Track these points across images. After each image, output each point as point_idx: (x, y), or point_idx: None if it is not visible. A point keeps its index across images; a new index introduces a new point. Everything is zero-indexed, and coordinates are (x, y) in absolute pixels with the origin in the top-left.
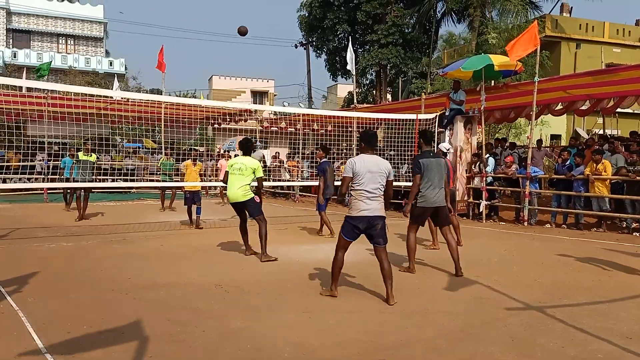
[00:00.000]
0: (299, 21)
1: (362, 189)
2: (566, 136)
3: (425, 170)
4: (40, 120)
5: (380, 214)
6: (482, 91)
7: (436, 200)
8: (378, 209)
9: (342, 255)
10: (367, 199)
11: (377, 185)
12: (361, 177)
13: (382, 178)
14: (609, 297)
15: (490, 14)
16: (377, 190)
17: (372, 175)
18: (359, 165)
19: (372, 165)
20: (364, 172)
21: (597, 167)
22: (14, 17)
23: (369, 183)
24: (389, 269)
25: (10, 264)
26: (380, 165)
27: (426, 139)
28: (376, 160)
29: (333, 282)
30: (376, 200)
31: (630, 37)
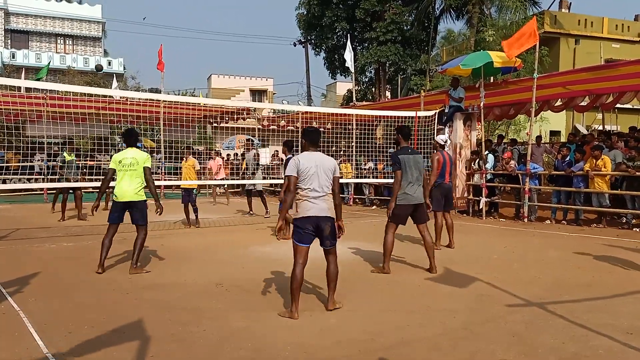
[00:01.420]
0: (298, 19)
1: (309, 187)
2: (565, 132)
3: (404, 167)
4: (39, 121)
5: (328, 214)
6: (481, 88)
7: (415, 198)
8: (326, 208)
9: (301, 269)
10: (314, 198)
11: (325, 184)
12: (306, 176)
13: (329, 175)
14: (609, 293)
15: (489, 10)
16: (325, 189)
17: (318, 173)
18: (303, 162)
19: (317, 162)
20: (309, 170)
21: (596, 163)
22: (12, 17)
23: (315, 181)
24: (334, 272)
25: (11, 264)
26: (326, 163)
27: (404, 135)
28: (321, 157)
29: (293, 302)
30: (324, 199)
31: (630, 32)
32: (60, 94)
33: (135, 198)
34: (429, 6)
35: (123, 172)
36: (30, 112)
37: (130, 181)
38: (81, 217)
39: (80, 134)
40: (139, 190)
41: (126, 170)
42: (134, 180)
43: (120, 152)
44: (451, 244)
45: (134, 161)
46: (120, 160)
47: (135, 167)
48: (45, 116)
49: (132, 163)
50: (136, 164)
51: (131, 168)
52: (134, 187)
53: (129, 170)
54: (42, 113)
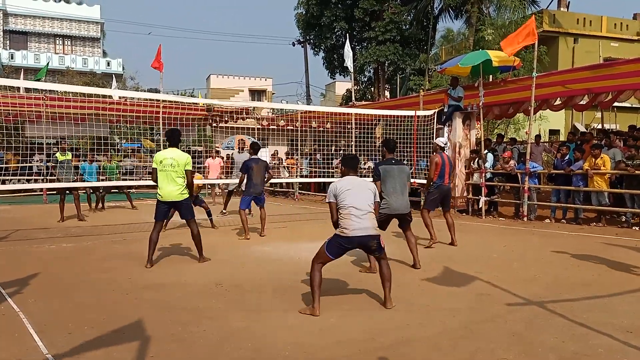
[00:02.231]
0: (296, 19)
1: (350, 205)
2: (565, 131)
3: (387, 177)
4: (38, 121)
5: (372, 232)
6: (480, 87)
7: (398, 208)
8: (370, 227)
9: (320, 269)
10: (356, 217)
11: (365, 202)
12: (346, 194)
13: (369, 195)
14: (609, 291)
15: (488, 9)
16: (366, 207)
17: (357, 192)
18: (340, 185)
19: (355, 184)
20: (347, 189)
21: (595, 161)
22: (11, 18)
23: (356, 199)
24: (388, 273)
25: (11, 265)
26: (363, 185)
27: (389, 147)
28: (359, 180)
29: (314, 299)
30: (366, 217)
31: (628, 31)
32: (60, 95)
33: (180, 198)
34: (428, 5)
35: (165, 172)
36: (30, 112)
37: (173, 182)
38: (80, 218)
39: (80, 134)
40: (182, 190)
41: (167, 171)
42: (176, 180)
43: (161, 152)
44: (454, 242)
45: (175, 162)
46: (161, 160)
47: (175, 169)
48: (45, 117)
49: (172, 164)
50: (177, 165)
51: (172, 169)
52: (177, 187)
53: (170, 171)
54: (42, 113)
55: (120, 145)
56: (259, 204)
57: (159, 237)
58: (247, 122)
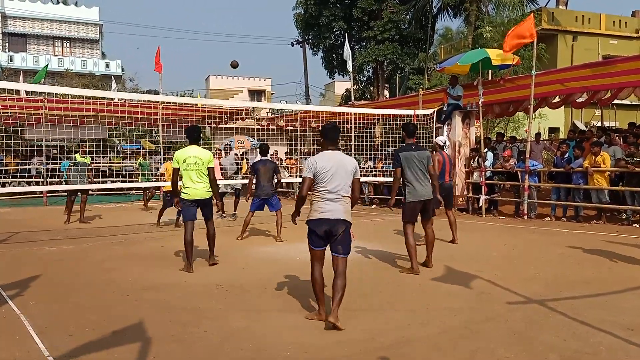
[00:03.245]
0: (295, 19)
1: (324, 188)
2: (564, 129)
3: (407, 163)
4: (37, 124)
5: (343, 217)
6: (479, 86)
7: (424, 194)
8: (342, 211)
9: (319, 271)
10: (330, 200)
11: (342, 185)
12: (323, 177)
13: (348, 177)
14: (609, 289)
15: (486, 8)
16: (342, 191)
17: (334, 174)
18: (320, 163)
19: (335, 162)
20: (325, 170)
21: (595, 159)
22: (9, 20)
23: (332, 182)
24: (342, 285)
25: (11, 267)
26: (346, 163)
27: (409, 132)
28: (340, 157)
29: (319, 304)
30: (340, 202)
31: (627, 28)
32: (59, 97)
33: (207, 196)
34: (427, 4)
35: (189, 171)
36: (29, 115)
37: (199, 179)
38: (83, 220)
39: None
40: (208, 188)
41: (192, 170)
42: (202, 178)
43: (181, 150)
44: (454, 240)
45: (199, 160)
46: (185, 159)
47: (200, 167)
48: (44, 119)
49: (196, 162)
50: (201, 163)
51: (196, 167)
52: (203, 185)
53: (194, 170)
54: (41, 116)
55: (120, 147)
56: (272, 208)
57: (193, 238)
58: (247, 122)
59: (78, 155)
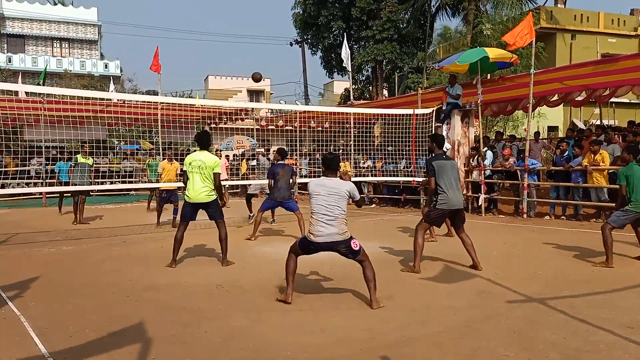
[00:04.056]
0: (294, 19)
1: (318, 211)
2: (563, 127)
3: (441, 172)
4: (37, 125)
5: (338, 239)
6: (478, 85)
7: (456, 203)
8: (335, 233)
9: (295, 260)
10: (325, 222)
11: (335, 208)
12: (317, 200)
13: (342, 201)
14: (609, 287)
15: (485, 7)
16: (336, 213)
17: (328, 198)
18: (314, 187)
19: (330, 188)
20: (318, 193)
21: (594, 157)
22: (8, 22)
23: (325, 206)
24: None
25: (11, 269)
26: (341, 188)
27: (438, 143)
28: (336, 183)
29: (288, 287)
30: (333, 224)
31: (625, 26)
32: (58, 98)
33: (207, 199)
34: (425, 4)
35: (192, 173)
36: (28, 116)
37: (200, 183)
38: (82, 221)
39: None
40: (209, 192)
41: (195, 172)
42: (204, 182)
43: (191, 154)
44: (449, 233)
45: (202, 164)
46: (190, 162)
47: (203, 171)
48: (43, 120)
49: (200, 166)
50: (204, 167)
51: (199, 171)
52: (205, 189)
53: (197, 173)
54: (40, 117)
55: (119, 148)
56: (290, 210)
57: (183, 237)
58: (246, 122)
59: (79, 156)
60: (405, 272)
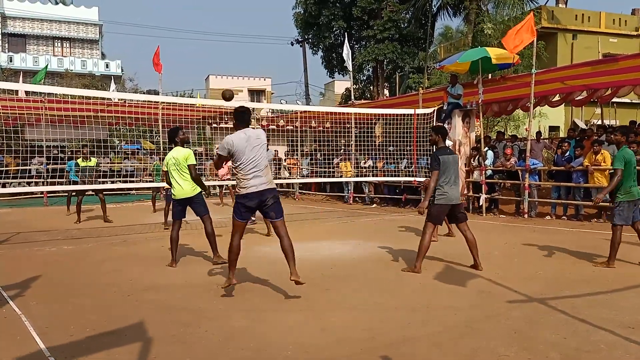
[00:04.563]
0: (295, 18)
1: (247, 165)
2: (565, 127)
3: (444, 166)
4: (38, 124)
5: (269, 187)
6: (479, 84)
7: (454, 197)
8: (266, 182)
9: (237, 240)
10: (254, 175)
11: (261, 159)
12: (242, 155)
13: (264, 150)
14: (610, 287)
15: (486, 6)
16: (262, 164)
17: (252, 150)
18: (237, 143)
19: (250, 140)
20: (243, 149)
21: (596, 157)
22: (9, 21)
23: (252, 158)
24: (289, 245)
25: (12, 268)
26: (260, 136)
27: (443, 135)
28: (253, 133)
29: (230, 270)
30: (263, 174)
31: (627, 26)
32: (59, 97)
33: (192, 193)
34: (426, 3)
35: (170, 171)
36: (29, 115)
37: (181, 179)
38: (107, 220)
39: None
40: (192, 186)
41: (173, 170)
42: (183, 177)
43: (168, 154)
44: (450, 233)
45: (176, 161)
46: (167, 162)
47: (178, 166)
48: (44, 119)
49: (175, 163)
50: (179, 163)
51: (176, 168)
52: (186, 183)
53: (175, 170)
54: (41, 116)
55: (120, 148)
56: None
57: (179, 236)
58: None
59: (80, 160)
60: (406, 271)
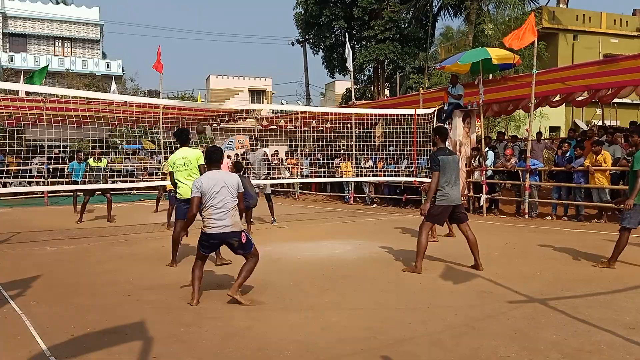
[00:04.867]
0: (295, 18)
1: (212, 205)
2: (565, 128)
3: (444, 167)
4: (39, 124)
5: (233, 229)
6: (480, 85)
7: (455, 199)
8: (230, 225)
9: (200, 267)
10: (218, 216)
11: (227, 201)
12: (208, 195)
13: (232, 192)
14: (610, 287)
15: (487, 7)
16: (228, 205)
17: (219, 192)
18: (205, 184)
19: (218, 181)
20: (210, 189)
21: (596, 158)
22: (10, 21)
23: (217, 200)
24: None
25: (13, 268)
26: (227, 180)
27: (442, 136)
28: (222, 175)
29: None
30: (227, 216)
31: (628, 27)
32: (60, 97)
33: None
34: (427, 3)
35: (179, 172)
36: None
37: (189, 180)
38: (110, 219)
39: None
40: None
41: (181, 171)
42: (193, 177)
43: (174, 154)
44: (451, 234)
45: (187, 160)
46: (175, 161)
47: (189, 167)
48: (45, 119)
49: (185, 163)
50: (189, 163)
51: (185, 168)
52: None
53: (184, 170)
54: (42, 116)
55: (121, 148)
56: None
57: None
58: (247, 122)
59: (90, 160)
60: (406, 271)
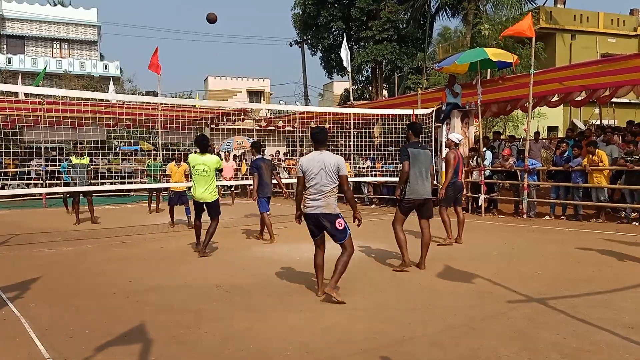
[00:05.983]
0: (293, 19)
1: (310, 185)
2: (563, 128)
3: (413, 160)
4: (36, 126)
5: (324, 211)
6: (478, 85)
7: (423, 193)
8: (322, 206)
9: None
10: (313, 197)
11: (324, 182)
12: (307, 176)
13: (331, 175)
14: (609, 287)
15: (485, 7)
16: (325, 187)
17: (318, 173)
18: (305, 164)
19: (318, 163)
20: (309, 170)
21: (592, 158)
22: (8, 22)
23: (315, 181)
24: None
25: (11, 270)
26: (327, 162)
27: (415, 131)
28: (323, 157)
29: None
30: (322, 198)
31: (625, 26)
32: (57, 99)
33: (210, 199)
34: (425, 4)
35: (197, 176)
36: (28, 117)
37: (204, 185)
38: (94, 221)
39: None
40: (212, 192)
41: (200, 176)
42: (208, 183)
43: (193, 156)
44: (459, 239)
45: (207, 167)
46: (194, 165)
47: (207, 173)
48: (43, 121)
49: (204, 169)
50: (208, 170)
51: (204, 174)
52: (209, 190)
53: (202, 176)
54: (40, 118)
55: (119, 149)
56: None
57: (201, 223)
58: (246, 123)
59: (73, 157)
60: (397, 270)
